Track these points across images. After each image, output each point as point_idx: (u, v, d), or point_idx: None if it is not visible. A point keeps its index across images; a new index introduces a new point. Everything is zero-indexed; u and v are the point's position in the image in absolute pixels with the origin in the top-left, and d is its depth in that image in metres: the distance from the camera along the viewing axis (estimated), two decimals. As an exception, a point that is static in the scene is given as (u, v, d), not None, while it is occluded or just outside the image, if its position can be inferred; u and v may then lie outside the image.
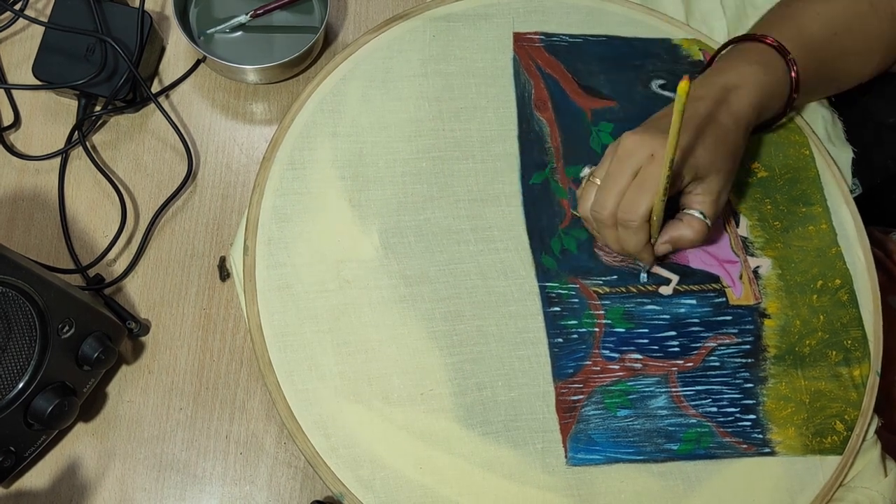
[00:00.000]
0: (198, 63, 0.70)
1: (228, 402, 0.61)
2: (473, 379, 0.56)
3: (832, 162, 0.66)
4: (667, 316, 0.59)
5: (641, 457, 0.56)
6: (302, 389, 0.54)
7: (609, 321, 0.58)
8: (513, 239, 0.60)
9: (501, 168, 0.62)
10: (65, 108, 0.67)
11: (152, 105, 0.68)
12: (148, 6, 0.66)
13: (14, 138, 0.67)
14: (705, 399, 0.58)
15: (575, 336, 0.58)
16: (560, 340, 0.58)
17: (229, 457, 0.60)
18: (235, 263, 0.59)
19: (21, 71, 0.68)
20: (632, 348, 0.58)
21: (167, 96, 0.69)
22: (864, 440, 0.59)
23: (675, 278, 0.60)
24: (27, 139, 0.66)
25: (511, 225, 0.60)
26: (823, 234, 0.63)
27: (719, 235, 0.62)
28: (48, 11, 0.65)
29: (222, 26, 0.68)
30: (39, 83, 0.64)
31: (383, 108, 0.62)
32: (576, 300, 0.59)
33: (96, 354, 0.54)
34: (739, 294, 0.61)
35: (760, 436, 0.57)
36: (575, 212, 0.61)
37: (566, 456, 0.55)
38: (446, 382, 0.56)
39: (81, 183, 0.65)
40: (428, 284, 0.58)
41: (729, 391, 0.58)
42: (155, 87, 0.69)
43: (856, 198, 0.66)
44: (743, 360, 0.59)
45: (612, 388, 0.57)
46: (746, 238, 0.62)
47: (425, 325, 0.57)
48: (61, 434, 0.59)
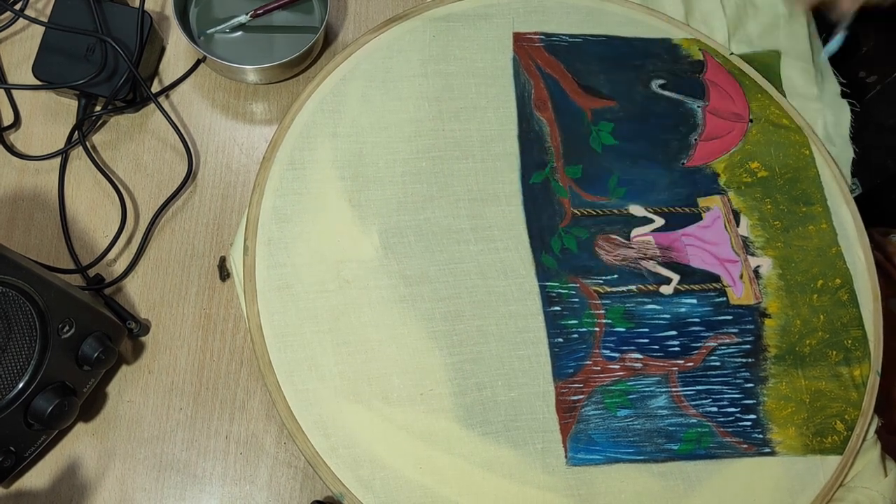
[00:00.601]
0: (198, 63, 0.70)
1: (228, 402, 0.61)
2: (473, 379, 0.56)
3: (832, 162, 0.66)
4: (667, 315, 0.59)
5: (642, 457, 0.56)
6: (302, 389, 0.54)
7: (609, 321, 0.58)
8: (513, 238, 0.60)
9: (501, 168, 0.62)
10: (65, 108, 0.67)
11: (152, 105, 0.68)
12: (148, 6, 0.66)
13: (14, 138, 0.67)
14: (706, 399, 0.58)
15: (575, 336, 0.58)
16: (560, 340, 0.57)
17: (229, 457, 0.60)
18: (235, 263, 0.59)
19: (21, 71, 0.68)
20: (632, 348, 0.58)
21: (167, 96, 0.69)
22: (865, 440, 0.59)
23: (676, 278, 0.60)
24: (27, 139, 0.66)
25: (511, 224, 0.60)
26: (823, 234, 0.63)
27: (720, 235, 0.62)
28: (48, 11, 0.65)
29: (222, 26, 0.68)
30: (39, 83, 0.64)
31: (383, 108, 0.62)
32: (576, 300, 0.59)
33: (96, 354, 0.54)
34: (740, 294, 0.61)
35: (761, 436, 0.57)
36: (575, 210, 0.61)
37: (566, 456, 0.55)
38: (446, 382, 0.56)
39: (81, 183, 0.65)
40: (428, 284, 0.58)
41: (729, 391, 0.58)
42: (155, 87, 0.69)
43: (856, 198, 0.66)
44: (743, 360, 0.59)
45: (613, 388, 0.57)
46: (747, 238, 0.62)
47: (425, 325, 0.57)
48: (61, 434, 0.59)
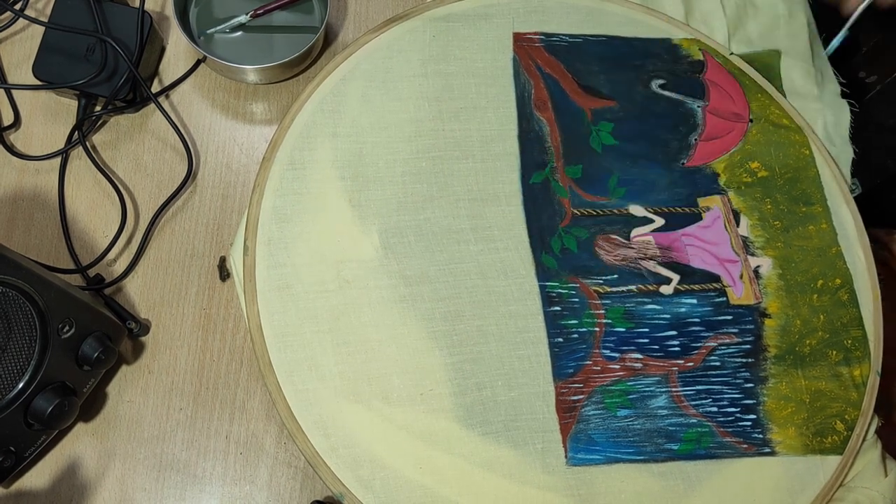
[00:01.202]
0: (198, 63, 0.70)
1: (228, 402, 0.61)
2: (473, 379, 0.56)
3: (832, 162, 0.66)
4: (667, 315, 0.59)
5: (642, 457, 0.56)
6: (302, 389, 0.54)
7: (609, 321, 0.58)
8: (513, 238, 0.60)
9: (501, 167, 0.62)
10: (65, 108, 0.67)
11: (152, 105, 0.68)
12: (148, 6, 0.66)
13: (14, 138, 0.67)
14: (706, 399, 0.58)
15: (575, 336, 0.58)
16: (560, 340, 0.57)
17: (229, 457, 0.60)
18: (235, 263, 0.59)
19: (21, 71, 0.68)
20: (632, 348, 0.58)
21: (167, 96, 0.69)
22: (865, 440, 0.59)
23: (676, 278, 0.60)
24: (27, 139, 0.66)
25: (511, 224, 0.60)
26: (823, 234, 0.63)
27: (720, 235, 0.62)
28: (48, 11, 0.65)
29: (222, 26, 0.68)
30: (39, 83, 0.64)
31: (383, 108, 0.62)
32: (576, 299, 0.59)
33: (96, 354, 0.54)
34: (740, 294, 0.61)
35: (761, 436, 0.57)
36: (575, 210, 0.61)
37: (566, 456, 0.55)
38: (446, 382, 0.56)
39: (81, 183, 0.65)
40: (428, 284, 0.58)
41: (729, 391, 0.58)
42: (155, 87, 0.69)
43: (856, 198, 0.66)
44: (743, 360, 0.59)
45: (613, 388, 0.57)
46: (747, 238, 0.62)
47: (425, 325, 0.57)
48: (61, 434, 0.59)
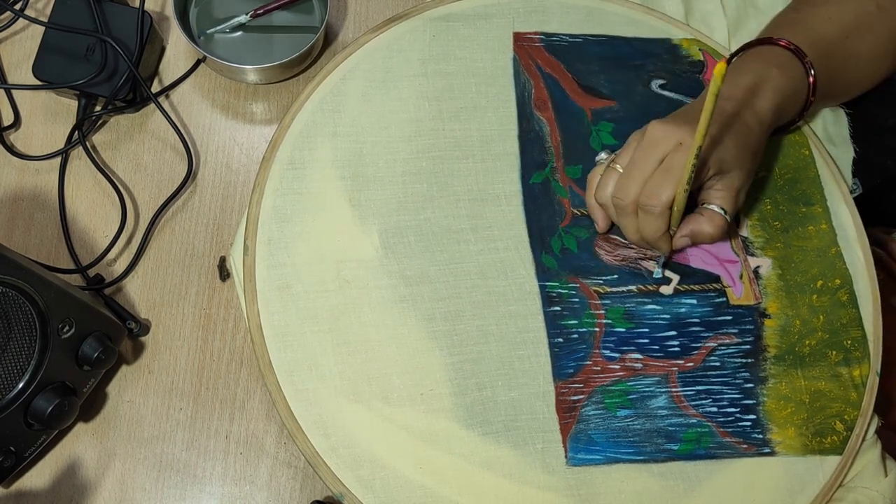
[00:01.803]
0: (198, 63, 0.70)
1: (228, 402, 0.61)
2: (473, 379, 0.56)
3: (832, 162, 0.66)
4: (667, 316, 0.59)
5: (641, 457, 0.56)
6: (302, 389, 0.54)
7: (609, 321, 0.58)
8: (513, 238, 0.60)
9: (501, 167, 0.62)
10: (65, 108, 0.67)
11: (152, 105, 0.68)
12: (148, 6, 0.66)
13: (14, 138, 0.67)
14: (705, 399, 0.58)
15: (575, 336, 0.58)
16: (560, 340, 0.58)
17: (229, 457, 0.60)
18: (235, 263, 0.59)
19: (21, 71, 0.68)
20: (632, 348, 0.58)
21: (167, 96, 0.69)
22: (864, 440, 0.59)
23: (676, 278, 0.60)
24: (27, 139, 0.66)
25: (511, 224, 0.60)
26: (823, 234, 0.63)
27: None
28: (48, 11, 0.65)
29: (222, 26, 0.68)
30: (39, 83, 0.64)
31: (383, 108, 0.62)
32: (576, 300, 0.59)
33: (96, 354, 0.54)
34: (740, 294, 0.61)
35: (760, 436, 0.57)
36: (575, 210, 0.61)
37: (566, 456, 0.55)
38: (446, 382, 0.56)
39: (81, 183, 0.65)
40: (428, 284, 0.58)
41: (729, 391, 0.58)
42: (155, 87, 0.69)
43: (856, 198, 0.66)
44: (743, 360, 0.59)
45: (613, 388, 0.57)
46: (746, 238, 0.62)
47: (425, 325, 0.57)
48: (61, 434, 0.59)
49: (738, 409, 0.58)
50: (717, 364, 0.59)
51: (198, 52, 0.65)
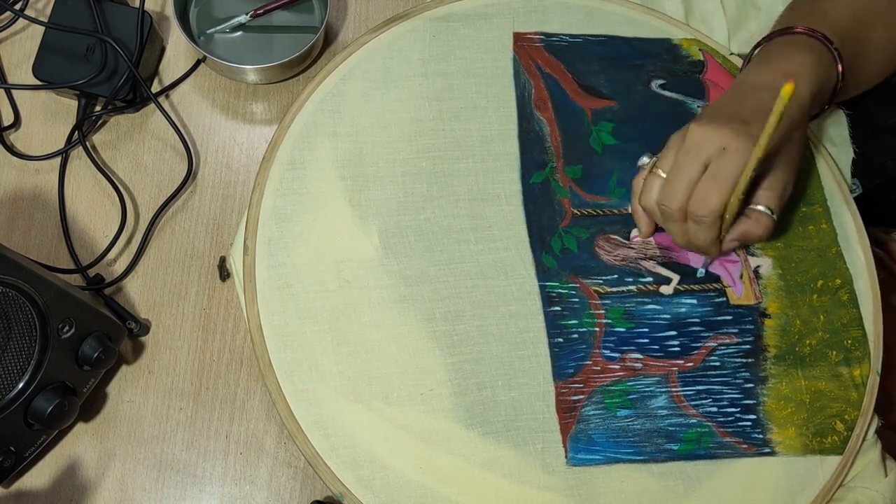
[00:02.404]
0: (198, 63, 0.70)
1: (228, 402, 0.61)
2: (473, 379, 0.56)
3: (832, 162, 0.66)
4: (667, 315, 0.59)
5: (641, 457, 0.56)
6: (302, 389, 0.54)
7: (609, 321, 0.58)
8: (513, 238, 0.60)
9: (501, 167, 0.62)
10: (65, 108, 0.67)
11: (152, 105, 0.68)
12: (148, 6, 0.66)
13: (14, 138, 0.67)
14: (705, 399, 0.58)
15: (575, 336, 0.58)
16: (560, 340, 0.58)
17: (229, 457, 0.60)
18: (235, 263, 0.59)
19: (21, 71, 0.68)
20: (632, 348, 0.58)
21: (167, 96, 0.69)
22: (865, 440, 0.59)
23: (676, 278, 0.60)
24: (27, 139, 0.66)
25: (511, 224, 0.60)
26: (823, 234, 0.63)
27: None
28: (48, 11, 0.65)
29: (222, 26, 0.68)
30: (39, 83, 0.64)
31: (383, 108, 0.62)
32: (576, 300, 0.59)
33: (96, 354, 0.54)
34: (740, 294, 0.61)
35: (760, 436, 0.57)
36: (575, 210, 0.61)
37: (566, 456, 0.55)
38: (446, 382, 0.56)
39: (81, 183, 0.65)
40: (428, 284, 0.58)
41: (729, 391, 0.58)
42: (155, 87, 0.69)
43: (856, 198, 0.66)
44: (743, 360, 0.59)
45: (613, 388, 0.57)
46: (747, 238, 0.62)
47: (425, 325, 0.57)
48: (61, 434, 0.59)
49: (739, 409, 0.58)
50: (718, 364, 0.59)
51: (198, 52, 0.65)
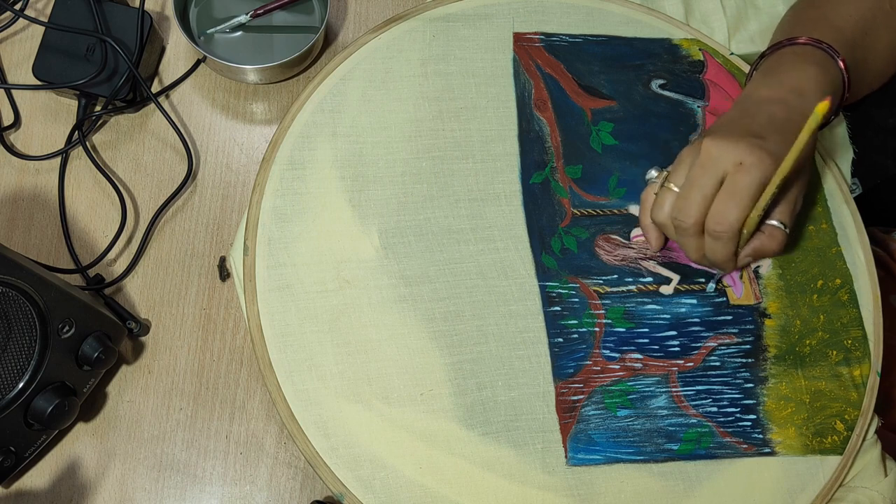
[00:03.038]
0: (198, 63, 0.70)
1: (228, 402, 0.61)
2: (473, 379, 0.56)
3: (832, 162, 0.66)
4: (667, 315, 0.59)
5: (642, 457, 0.56)
6: (302, 389, 0.54)
7: (609, 321, 0.58)
8: (513, 238, 0.60)
9: (501, 167, 0.62)
10: (65, 108, 0.67)
11: (152, 105, 0.68)
12: (148, 6, 0.66)
13: (14, 138, 0.67)
14: (706, 399, 0.58)
15: (575, 336, 0.58)
16: (560, 340, 0.58)
17: (229, 457, 0.60)
18: (235, 263, 0.59)
19: (21, 71, 0.68)
20: (632, 348, 0.58)
21: (167, 96, 0.69)
22: (865, 440, 0.59)
23: (676, 278, 0.60)
24: (27, 139, 0.66)
25: (511, 224, 0.60)
26: (823, 234, 0.63)
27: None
28: (48, 11, 0.65)
29: (222, 26, 0.68)
30: (39, 83, 0.64)
31: (383, 108, 0.62)
32: (576, 299, 0.59)
33: (96, 354, 0.55)
34: (740, 294, 0.61)
35: (761, 436, 0.57)
36: (575, 210, 0.61)
37: (566, 456, 0.55)
38: (446, 382, 0.56)
39: (81, 183, 0.65)
40: (428, 284, 0.58)
41: (729, 391, 0.58)
42: (155, 87, 0.69)
43: (856, 198, 0.66)
44: (743, 360, 0.59)
45: (613, 388, 0.57)
46: (747, 238, 0.62)
47: (425, 325, 0.57)
48: (61, 434, 0.59)
49: (739, 409, 0.58)
50: (718, 364, 0.59)
51: (198, 52, 0.65)
